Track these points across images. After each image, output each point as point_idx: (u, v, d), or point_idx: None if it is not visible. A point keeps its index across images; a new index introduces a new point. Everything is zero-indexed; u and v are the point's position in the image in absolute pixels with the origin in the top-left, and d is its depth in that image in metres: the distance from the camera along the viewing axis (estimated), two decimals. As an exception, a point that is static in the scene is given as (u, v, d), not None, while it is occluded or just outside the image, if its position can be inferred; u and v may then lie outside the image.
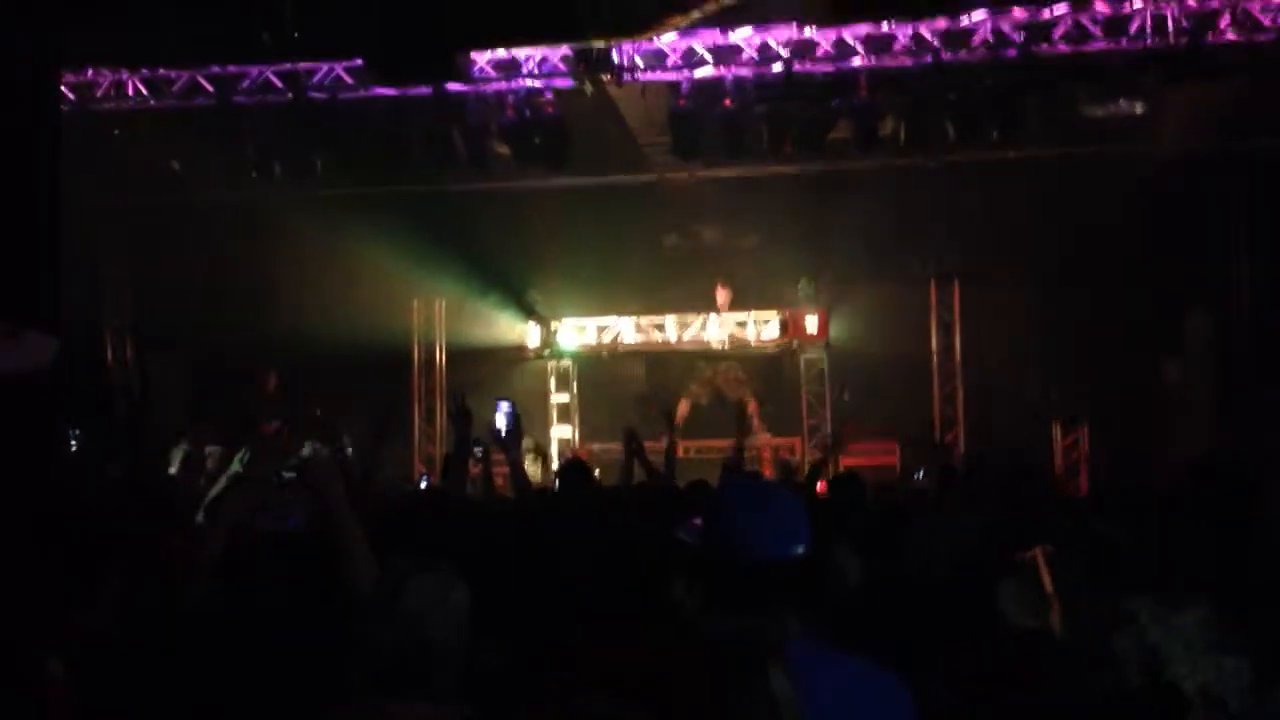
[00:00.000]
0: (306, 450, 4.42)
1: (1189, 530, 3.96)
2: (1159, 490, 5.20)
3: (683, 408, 13.89)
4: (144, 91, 11.66)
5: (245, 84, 11.53)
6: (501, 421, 4.54)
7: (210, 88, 11.54)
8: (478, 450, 5.88)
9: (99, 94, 11.58)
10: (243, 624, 3.01)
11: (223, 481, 4.79)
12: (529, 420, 13.08)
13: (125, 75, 11.51)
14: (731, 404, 13.53)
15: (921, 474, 7.04)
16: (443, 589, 2.46)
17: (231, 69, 11.40)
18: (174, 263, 13.48)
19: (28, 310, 1.91)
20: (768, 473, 11.89)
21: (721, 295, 14.12)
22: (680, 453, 9.32)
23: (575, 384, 14.93)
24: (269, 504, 3.74)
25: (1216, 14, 10.26)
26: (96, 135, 11.72)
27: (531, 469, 7.90)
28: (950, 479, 6.27)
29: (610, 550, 3.68)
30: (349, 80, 11.44)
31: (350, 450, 5.92)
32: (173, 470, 5.53)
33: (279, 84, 11.49)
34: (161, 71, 11.50)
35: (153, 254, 13.52)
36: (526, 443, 7.45)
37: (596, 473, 8.01)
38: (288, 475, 3.20)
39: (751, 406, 14.09)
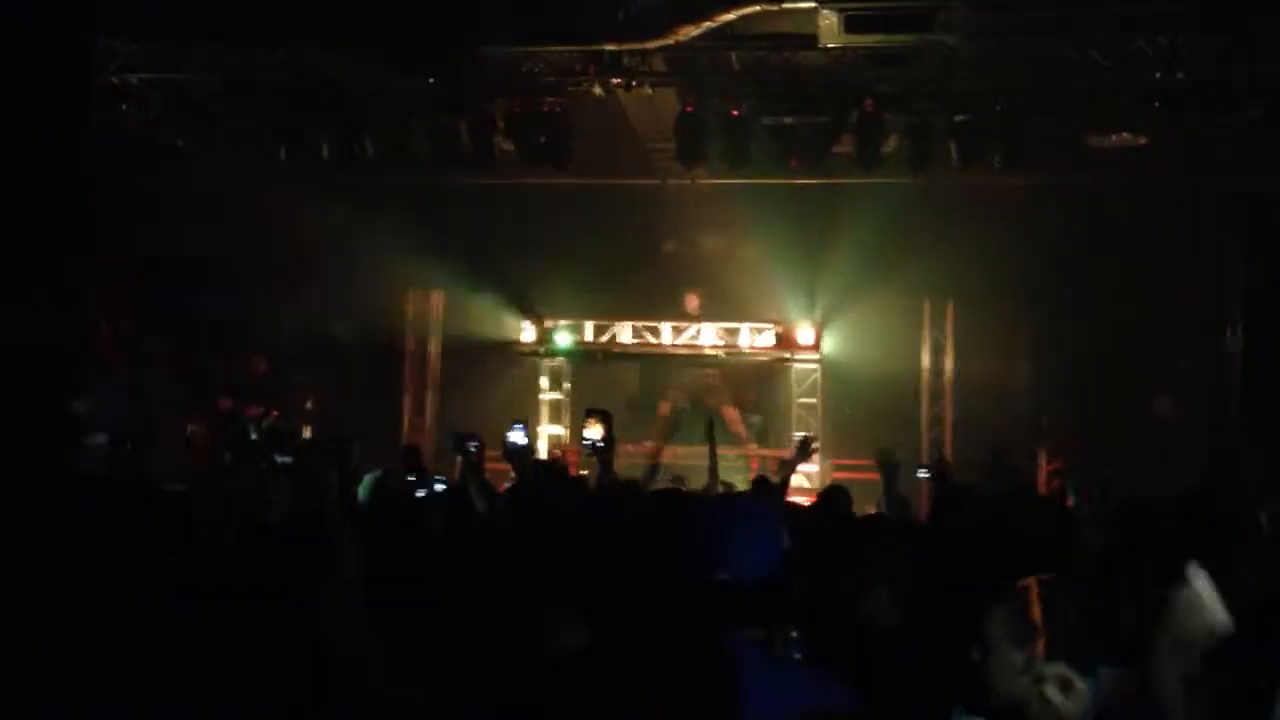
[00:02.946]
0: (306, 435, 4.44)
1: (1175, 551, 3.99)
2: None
3: (662, 409, 13.91)
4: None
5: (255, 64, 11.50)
6: (516, 438, 4.63)
7: (220, 66, 11.52)
8: (472, 445, 5.86)
9: (108, 64, 11.53)
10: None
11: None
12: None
13: (136, 47, 11.47)
14: (708, 411, 13.50)
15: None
16: None
17: (242, 49, 11.36)
18: (172, 239, 13.44)
19: (56, 290, 1.91)
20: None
21: (691, 302, 14.15)
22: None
23: (568, 383, 14.94)
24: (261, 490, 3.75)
25: (1225, 51, 10.31)
26: (103, 106, 11.67)
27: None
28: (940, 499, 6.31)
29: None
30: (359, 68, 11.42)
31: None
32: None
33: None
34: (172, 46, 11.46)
35: (151, 229, 13.48)
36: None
37: (585, 472, 8.02)
38: (282, 461, 3.21)
39: (730, 414, 14.07)
